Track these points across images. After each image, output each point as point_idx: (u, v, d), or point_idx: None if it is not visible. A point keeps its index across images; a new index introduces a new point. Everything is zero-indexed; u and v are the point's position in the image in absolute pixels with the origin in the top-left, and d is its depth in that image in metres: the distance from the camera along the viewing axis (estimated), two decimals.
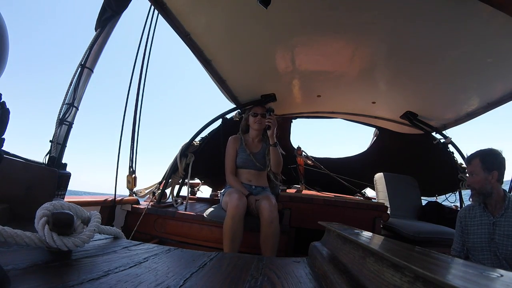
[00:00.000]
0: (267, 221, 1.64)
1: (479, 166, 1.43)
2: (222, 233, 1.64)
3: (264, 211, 1.67)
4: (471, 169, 1.47)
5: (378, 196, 2.85)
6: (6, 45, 0.47)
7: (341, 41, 1.62)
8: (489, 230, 1.42)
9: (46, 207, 0.64)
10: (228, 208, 1.67)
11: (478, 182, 1.43)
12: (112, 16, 1.53)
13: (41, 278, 0.48)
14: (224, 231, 1.63)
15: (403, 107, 2.52)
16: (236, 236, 1.61)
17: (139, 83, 2.18)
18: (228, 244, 1.59)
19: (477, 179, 1.44)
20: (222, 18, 1.50)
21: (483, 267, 0.34)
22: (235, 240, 1.60)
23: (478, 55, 1.54)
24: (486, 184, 1.41)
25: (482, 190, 1.43)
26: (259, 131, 2.15)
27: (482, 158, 1.44)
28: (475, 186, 1.45)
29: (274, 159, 2.00)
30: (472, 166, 1.47)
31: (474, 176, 1.45)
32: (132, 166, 2.22)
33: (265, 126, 2.01)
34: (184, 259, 0.75)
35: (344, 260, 0.60)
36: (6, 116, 0.49)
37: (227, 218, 1.65)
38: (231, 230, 1.61)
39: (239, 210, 1.65)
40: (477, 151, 1.49)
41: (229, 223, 1.62)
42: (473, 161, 1.46)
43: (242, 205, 1.68)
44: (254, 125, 2.13)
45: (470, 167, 1.48)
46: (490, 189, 1.41)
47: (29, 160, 1.17)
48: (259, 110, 2.14)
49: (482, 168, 1.42)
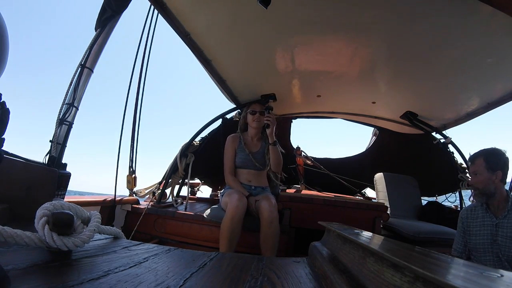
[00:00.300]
0: (267, 221, 1.63)
1: (482, 166, 1.40)
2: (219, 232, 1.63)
3: (264, 211, 1.66)
4: (475, 169, 1.43)
5: (378, 196, 2.85)
6: (6, 45, 0.47)
7: (341, 41, 1.62)
8: (491, 231, 1.39)
9: (46, 207, 0.64)
10: (228, 208, 1.66)
11: (482, 182, 1.40)
12: (112, 16, 1.53)
13: (41, 278, 0.48)
14: (221, 231, 1.62)
15: (403, 107, 2.52)
16: (233, 237, 1.59)
17: (139, 83, 2.18)
18: (225, 244, 1.58)
19: (480, 178, 1.40)
20: (222, 18, 1.50)
21: (483, 267, 0.34)
22: (232, 240, 1.59)
23: (478, 55, 1.54)
24: (489, 184, 1.38)
25: (485, 190, 1.40)
26: (258, 129, 2.11)
27: (486, 157, 1.41)
28: (478, 186, 1.42)
29: (274, 158, 1.96)
30: (475, 165, 1.43)
31: (477, 176, 1.42)
32: (132, 166, 2.22)
33: (264, 125, 1.97)
34: (184, 259, 0.75)
35: (344, 260, 0.59)
36: (6, 116, 0.50)
37: (225, 218, 1.63)
38: (229, 231, 1.59)
39: (239, 211, 1.63)
40: (480, 150, 1.46)
41: (228, 223, 1.60)
42: (477, 161, 1.43)
43: (242, 206, 1.66)
44: (252, 124, 2.09)
45: (474, 166, 1.44)
46: (493, 189, 1.38)
47: (29, 160, 1.17)
48: (257, 108, 2.09)
49: (486, 168, 1.39)
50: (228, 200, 1.71)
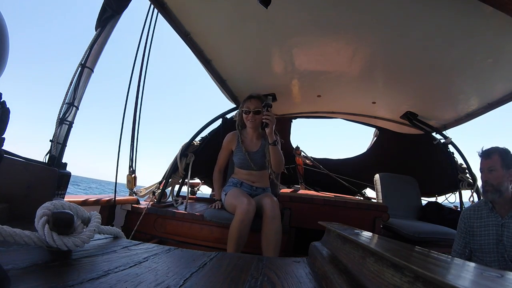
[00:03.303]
0: (269, 217, 1.60)
1: (499, 162, 1.37)
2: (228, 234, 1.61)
3: (267, 208, 1.63)
4: (491, 164, 1.39)
5: (378, 196, 2.85)
6: (6, 45, 0.47)
7: (341, 41, 1.62)
8: (497, 231, 1.36)
9: (46, 207, 0.64)
10: (237, 212, 1.61)
11: (497, 178, 1.36)
12: (112, 16, 1.53)
13: (41, 278, 0.48)
14: (230, 233, 1.59)
15: (403, 107, 2.52)
16: (241, 240, 1.57)
17: (138, 83, 2.17)
18: (233, 246, 1.56)
19: (496, 174, 1.36)
20: (222, 18, 1.50)
21: (484, 267, 0.34)
22: (240, 244, 1.57)
23: (478, 55, 1.54)
24: (504, 181, 1.35)
25: (499, 187, 1.36)
26: (254, 129, 1.96)
27: (501, 154, 1.38)
28: (493, 182, 1.37)
29: (275, 158, 1.83)
30: (492, 160, 1.39)
31: (492, 172, 1.38)
32: (132, 166, 2.22)
33: (261, 124, 1.81)
34: (184, 259, 0.75)
35: (344, 260, 0.59)
36: (6, 116, 0.49)
37: (235, 221, 1.60)
38: (238, 233, 1.56)
39: (249, 214, 1.60)
40: (493, 147, 1.42)
41: (237, 226, 1.57)
42: (493, 156, 1.39)
43: (252, 210, 1.63)
44: (247, 123, 1.94)
45: (490, 161, 1.40)
46: (506, 186, 1.34)
47: (29, 160, 1.16)
48: (252, 106, 1.89)
49: (502, 165, 1.36)
50: (237, 203, 1.66)
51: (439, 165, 2.88)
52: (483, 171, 1.43)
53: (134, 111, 2.18)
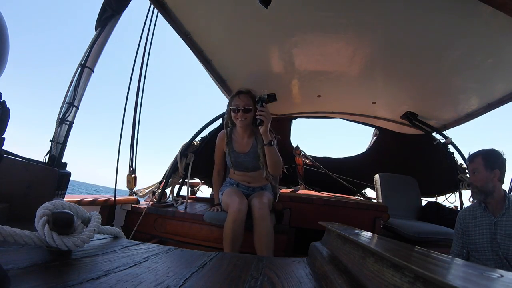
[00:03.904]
0: (257, 219, 1.58)
1: (481, 164, 1.44)
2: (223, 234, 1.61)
3: (254, 209, 1.61)
4: (474, 167, 1.48)
5: (378, 196, 2.85)
6: (6, 45, 0.47)
7: (341, 41, 1.62)
8: (490, 230, 1.42)
9: (46, 207, 0.64)
10: (229, 212, 1.61)
11: (480, 180, 1.44)
12: (112, 16, 1.53)
13: (41, 278, 0.48)
14: (224, 233, 1.59)
15: (403, 107, 2.52)
16: (236, 240, 1.56)
17: (138, 83, 2.17)
18: (228, 246, 1.56)
19: (479, 177, 1.44)
20: (222, 18, 1.50)
21: (483, 267, 0.34)
22: (235, 243, 1.56)
23: (478, 55, 1.54)
24: (488, 182, 1.42)
25: (483, 188, 1.43)
26: (244, 128, 1.78)
27: (484, 156, 1.45)
28: (477, 184, 1.46)
29: (271, 160, 1.65)
30: (474, 163, 1.47)
31: (476, 174, 1.46)
32: (132, 166, 2.22)
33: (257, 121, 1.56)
34: (184, 259, 0.75)
35: (344, 260, 0.59)
36: (6, 116, 0.50)
37: (227, 221, 1.59)
38: (232, 233, 1.55)
39: (241, 214, 1.59)
40: (479, 150, 1.50)
41: (230, 226, 1.57)
42: (476, 159, 1.47)
43: (244, 209, 1.61)
44: (236, 122, 1.76)
45: (473, 164, 1.48)
46: (491, 187, 1.41)
47: (29, 160, 1.16)
48: (241, 103, 1.69)
49: (484, 166, 1.43)
50: (229, 202, 1.65)
51: (439, 165, 2.88)
52: (469, 174, 1.53)
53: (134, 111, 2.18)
